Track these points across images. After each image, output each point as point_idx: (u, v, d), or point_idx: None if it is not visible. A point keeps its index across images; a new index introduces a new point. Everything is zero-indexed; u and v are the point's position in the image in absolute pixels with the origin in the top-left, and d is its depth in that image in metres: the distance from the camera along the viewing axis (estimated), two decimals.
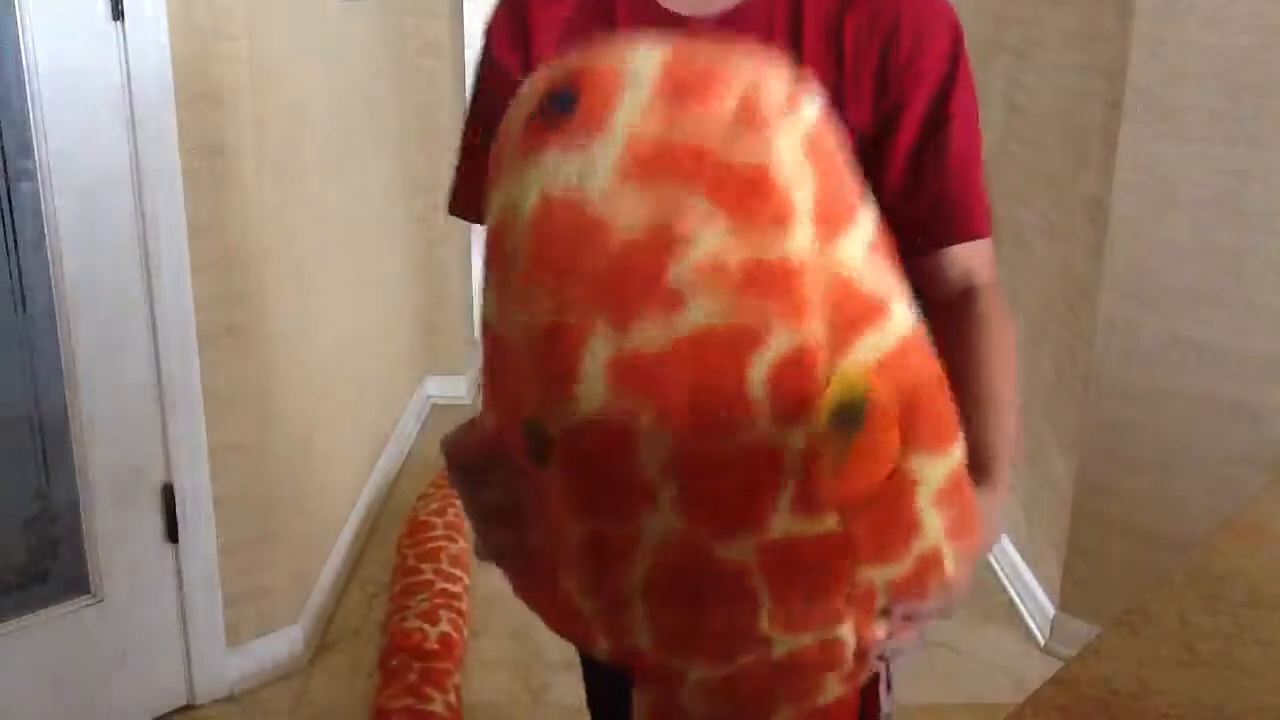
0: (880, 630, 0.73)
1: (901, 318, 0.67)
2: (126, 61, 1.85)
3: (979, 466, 0.77)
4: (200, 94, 1.94)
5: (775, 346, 0.62)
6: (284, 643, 2.28)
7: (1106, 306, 2.22)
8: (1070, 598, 2.38)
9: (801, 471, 0.64)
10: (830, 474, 0.65)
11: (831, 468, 0.65)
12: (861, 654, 0.73)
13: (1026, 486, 2.62)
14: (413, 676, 2.09)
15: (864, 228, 0.66)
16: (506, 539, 0.76)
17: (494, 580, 2.82)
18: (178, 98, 1.91)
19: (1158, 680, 0.87)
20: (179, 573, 2.10)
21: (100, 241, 1.89)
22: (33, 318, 1.89)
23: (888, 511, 0.68)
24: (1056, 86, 2.48)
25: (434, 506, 2.71)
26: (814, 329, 0.63)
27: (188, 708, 2.16)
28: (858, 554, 0.68)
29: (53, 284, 1.86)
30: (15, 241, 1.85)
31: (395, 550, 2.64)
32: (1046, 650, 2.40)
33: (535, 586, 0.77)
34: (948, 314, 0.92)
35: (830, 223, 0.63)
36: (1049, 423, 2.48)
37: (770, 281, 0.62)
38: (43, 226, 1.84)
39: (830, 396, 0.64)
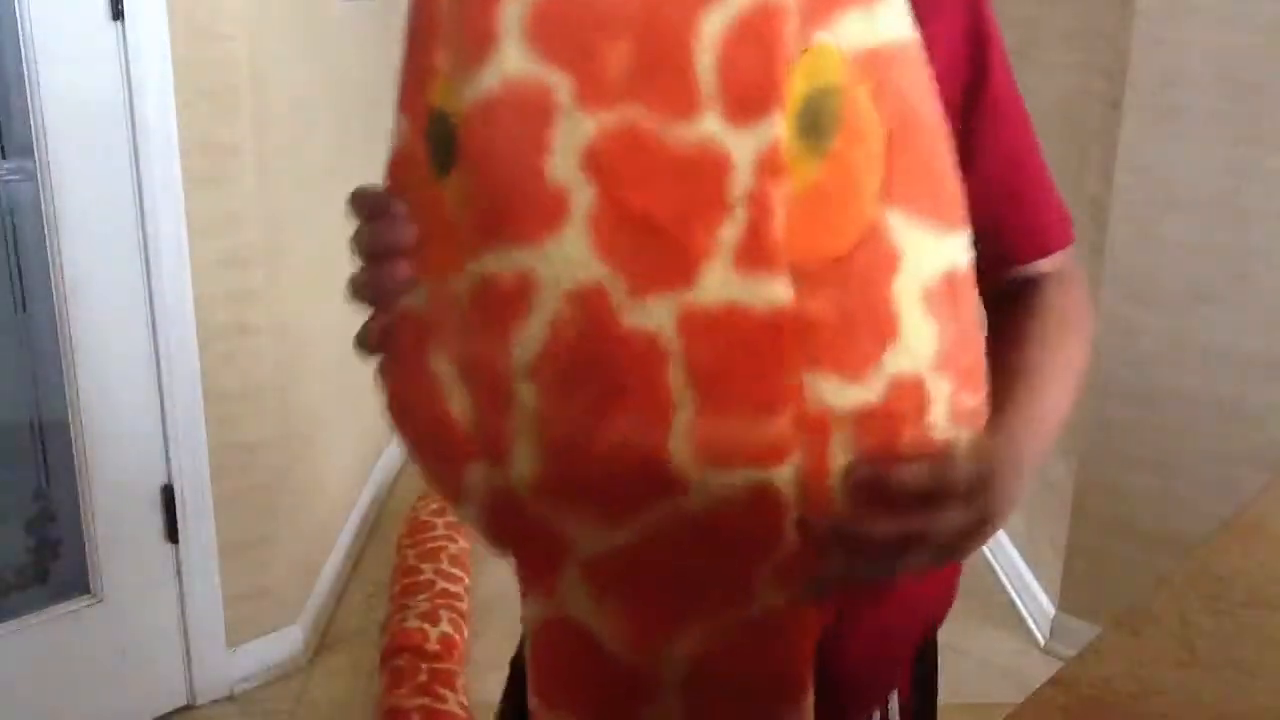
0: (837, 505, 0.54)
1: (900, 17, 0.54)
2: (126, 61, 1.85)
3: (994, 418, 0.64)
4: (200, 94, 1.94)
5: (734, 2, 0.51)
6: (284, 643, 2.27)
7: (1106, 306, 2.21)
8: (1070, 598, 2.38)
9: (750, 197, 0.51)
10: (787, 204, 0.52)
11: (791, 195, 0.52)
12: (807, 528, 0.55)
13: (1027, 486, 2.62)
14: (423, 677, 2.10)
15: None
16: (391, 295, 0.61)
17: (494, 580, 2.80)
18: (178, 98, 1.91)
19: (1158, 680, 0.87)
20: (179, 573, 2.10)
21: (100, 241, 1.89)
22: (33, 318, 1.89)
23: (857, 290, 0.53)
24: (1056, 86, 2.48)
25: (434, 506, 2.71)
26: None
27: (188, 708, 2.16)
28: (811, 346, 0.53)
29: (53, 284, 1.86)
30: (15, 241, 1.85)
31: (395, 550, 2.64)
32: (1046, 650, 2.40)
33: (409, 381, 0.62)
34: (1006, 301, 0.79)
35: None
36: None
37: None
38: (43, 226, 1.84)
39: (797, 85, 0.51)
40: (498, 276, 0.55)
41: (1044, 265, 0.80)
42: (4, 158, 1.82)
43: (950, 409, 0.56)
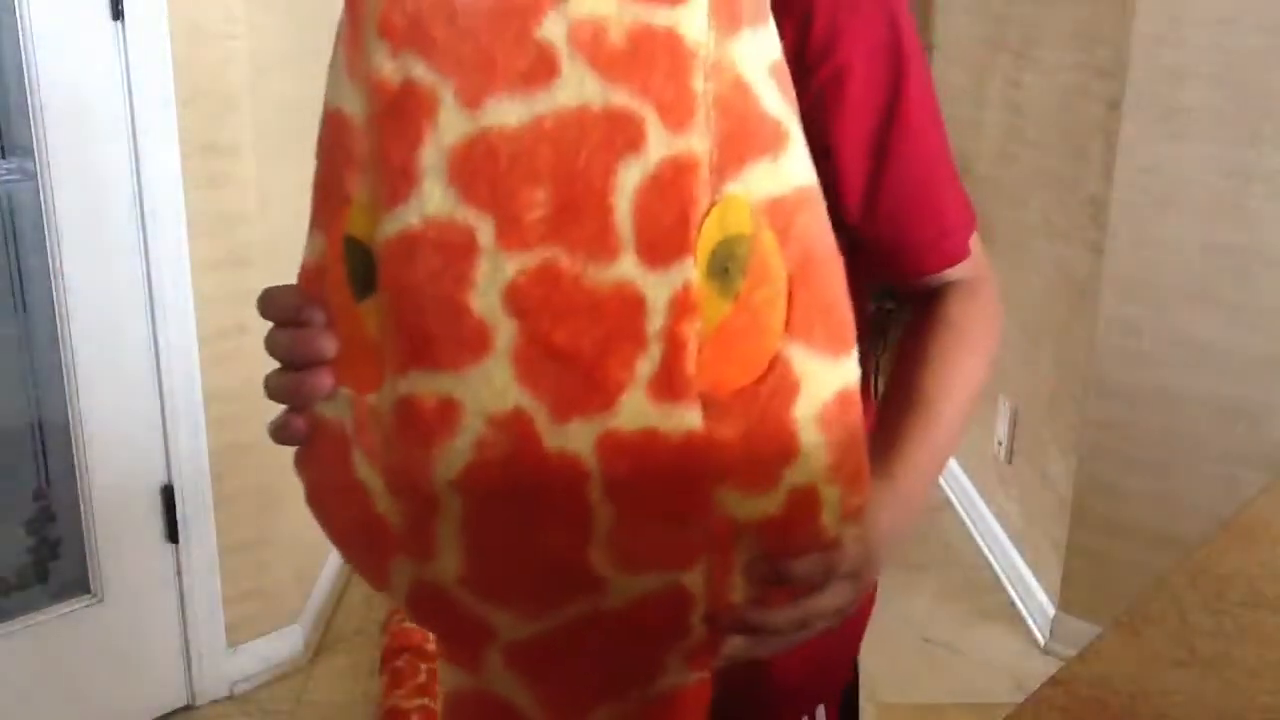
0: (739, 594, 0.60)
1: (802, 162, 0.58)
2: (126, 61, 1.85)
3: (882, 456, 0.70)
4: (200, 94, 1.94)
5: (653, 149, 0.54)
6: (284, 643, 2.27)
7: (1106, 306, 2.21)
8: (1070, 598, 2.38)
9: (664, 334, 0.55)
10: (699, 340, 0.55)
11: (702, 333, 0.55)
12: (714, 621, 0.60)
13: (1026, 486, 2.62)
14: (423, 677, 2.10)
15: (768, 41, 0.57)
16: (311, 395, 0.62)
17: None
18: (178, 98, 1.91)
19: (1158, 680, 0.87)
20: (179, 573, 2.10)
21: (100, 241, 1.89)
22: (33, 318, 1.89)
23: (760, 417, 0.57)
24: (1056, 86, 2.48)
25: None
26: (698, 136, 0.54)
27: (188, 708, 2.16)
28: (720, 468, 0.57)
29: (53, 284, 1.86)
30: (15, 241, 1.85)
31: None
32: (1046, 650, 2.40)
33: (332, 480, 0.64)
34: (915, 309, 0.82)
35: (730, 15, 0.54)
36: (1049, 423, 2.48)
37: (656, 57, 0.53)
38: (43, 226, 1.84)
39: (709, 233, 0.55)
40: (421, 397, 0.57)
41: (950, 273, 0.81)
42: (4, 158, 1.82)
43: (839, 510, 0.61)
